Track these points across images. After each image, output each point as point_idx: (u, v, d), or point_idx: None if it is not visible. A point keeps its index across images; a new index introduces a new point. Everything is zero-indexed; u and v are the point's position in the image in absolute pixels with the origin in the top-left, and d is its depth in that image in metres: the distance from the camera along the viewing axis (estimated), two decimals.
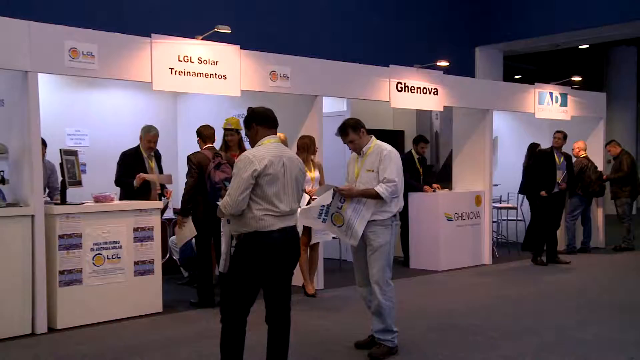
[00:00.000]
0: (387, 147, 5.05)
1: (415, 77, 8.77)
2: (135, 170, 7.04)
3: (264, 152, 4.02)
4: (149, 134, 7.13)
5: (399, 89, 8.58)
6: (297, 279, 7.20)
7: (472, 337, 5.53)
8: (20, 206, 5.74)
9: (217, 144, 7.09)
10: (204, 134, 6.84)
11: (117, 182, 7.14)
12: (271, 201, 3.97)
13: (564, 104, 10.77)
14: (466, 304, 6.83)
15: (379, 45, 12.02)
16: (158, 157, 7.45)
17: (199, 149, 6.82)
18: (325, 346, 5.26)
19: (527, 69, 18.29)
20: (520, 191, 10.25)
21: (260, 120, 4.18)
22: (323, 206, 5.00)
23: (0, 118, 6.17)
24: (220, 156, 6.56)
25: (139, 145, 7.18)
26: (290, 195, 4.06)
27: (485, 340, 5.44)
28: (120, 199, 6.91)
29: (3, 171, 5.77)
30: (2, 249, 5.55)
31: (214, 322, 5.95)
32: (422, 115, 11.50)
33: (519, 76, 17.83)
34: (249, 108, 4.32)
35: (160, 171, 7.41)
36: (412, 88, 8.72)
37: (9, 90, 5.97)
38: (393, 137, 10.68)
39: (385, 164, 4.92)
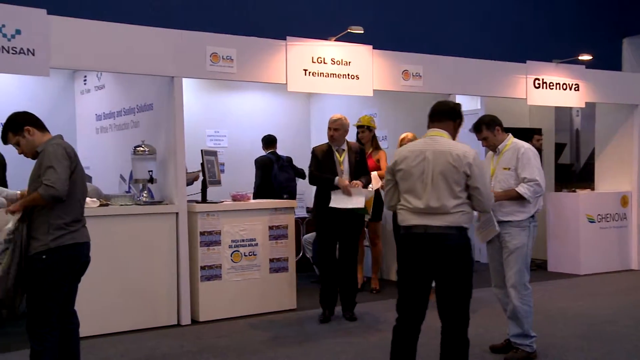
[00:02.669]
0: (525, 145, 4.89)
1: (554, 73, 8.41)
2: (323, 164, 6.13)
3: (406, 147, 3.98)
4: (329, 122, 6.24)
5: (537, 85, 8.27)
6: None
7: (618, 345, 5.20)
8: (166, 204, 6.11)
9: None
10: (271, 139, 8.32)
11: (311, 178, 6.23)
12: (404, 197, 3.89)
13: None
14: (612, 310, 6.43)
15: (515, 41, 11.59)
16: (357, 151, 6.28)
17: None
18: None
19: None
20: None
21: (429, 116, 4.10)
22: None
23: (150, 121, 6.61)
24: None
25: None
26: (431, 192, 3.77)
27: (634, 350, 5.09)
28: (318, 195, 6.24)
29: (151, 171, 6.14)
30: (151, 244, 5.93)
31: (346, 321, 6.04)
32: (561, 112, 10.96)
33: None
34: None
35: (355, 165, 6.23)
36: (551, 84, 8.38)
37: (157, 95, 6.38)
38: (530, 136, 10.26)
39: (523, 162, 4.78)
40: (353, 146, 6.26)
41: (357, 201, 5.99)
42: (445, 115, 3.99)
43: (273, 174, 8.09)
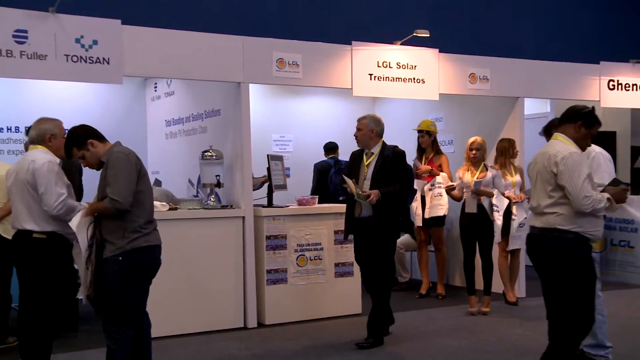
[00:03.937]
0: (596, 149, 4.73)
1: (630, 74, 8.15)
2: (353, 170, 5.59)
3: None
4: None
5: (611, 87, 8.03)
6: (498, 285, 6.99)
7: None
8: (233, 208, 6.20)
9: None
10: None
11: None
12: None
13: None
14: None
15: (588, 41, 11.26)
16: (389, 155, 5.46)
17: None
18: (529, 357, 5.02)
19: None
20: None
21: None
22: None
23: (217, 126, 6.74)
24: None
25: None
26: (533, 192, 4.02)
27: None
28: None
29: (219, 175, 6.25)
30: (218, 248, 6.02)
31: (411, 327, 5.99)
32: (638, 115, 10.59)
33: None
34: None
35: (378, 170, 5.44)
36: (627, 85, 8.13)
37: (224, 100, 6.50)
38: (603, 139, 9.93)
39: (592, 167, 4.58)
40: (387, 149, 5.45)
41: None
42: (564, 119, 4.08)
43: (329, 177, 8.15)
